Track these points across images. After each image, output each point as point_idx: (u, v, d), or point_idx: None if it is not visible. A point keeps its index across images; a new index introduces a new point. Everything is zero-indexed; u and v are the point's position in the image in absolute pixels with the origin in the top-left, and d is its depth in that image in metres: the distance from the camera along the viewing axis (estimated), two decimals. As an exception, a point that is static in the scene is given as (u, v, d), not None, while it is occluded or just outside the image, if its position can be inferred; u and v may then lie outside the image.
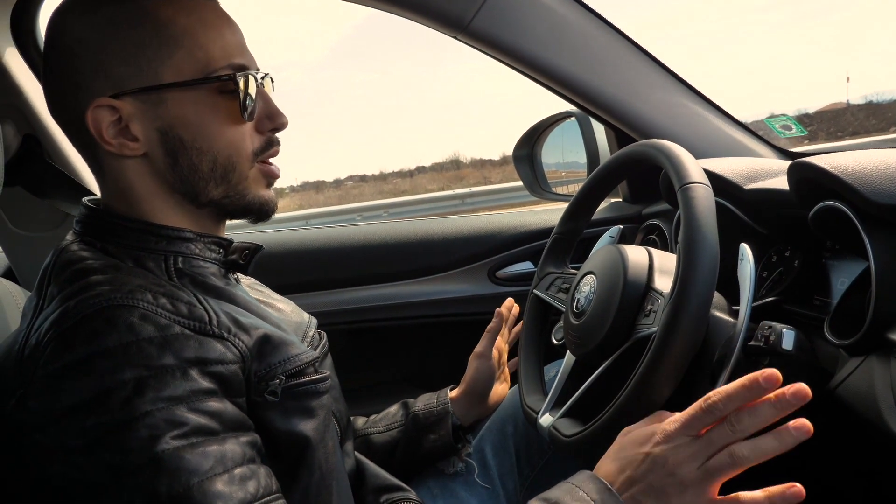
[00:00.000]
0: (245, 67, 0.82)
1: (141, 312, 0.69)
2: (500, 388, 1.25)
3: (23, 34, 1.43)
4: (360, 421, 1.23)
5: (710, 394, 0.67)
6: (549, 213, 1.77)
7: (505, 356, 1.29)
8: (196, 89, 0.79)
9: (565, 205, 1.21)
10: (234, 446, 0.68)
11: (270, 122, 0.85)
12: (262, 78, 0.86)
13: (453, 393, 1.22)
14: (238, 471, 0.67)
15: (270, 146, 0.86)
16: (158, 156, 0.80)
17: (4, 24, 1.35)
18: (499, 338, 1.26)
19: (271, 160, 0.87)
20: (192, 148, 0.80)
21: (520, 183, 1.91)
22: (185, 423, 0.66)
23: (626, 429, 0.76)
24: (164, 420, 0.65)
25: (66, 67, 0.78)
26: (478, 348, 1.24)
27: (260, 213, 0.86)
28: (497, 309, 1.28)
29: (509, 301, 1.32)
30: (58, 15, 0.80)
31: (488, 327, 1.25)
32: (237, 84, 0.80)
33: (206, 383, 0.69)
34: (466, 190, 10.40)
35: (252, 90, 0.81)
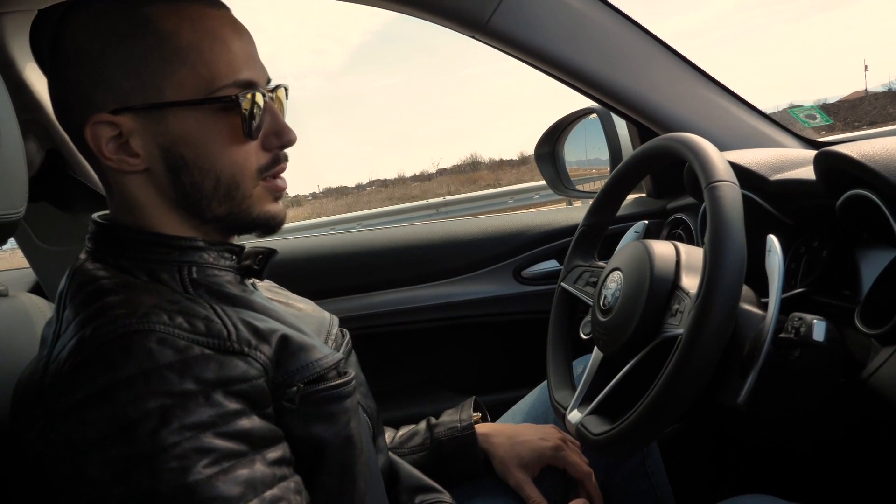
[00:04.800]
0: (252, 83, 0.79)
1: (158, 336, 0.67)
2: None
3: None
4: (387, 434, 1.19)
5: None
6: (574, 211, 1.77)
7: None
8: (199, 108, 0.76)
9: (561, 205, 1.20)
10: (263, 467, 0.68)
11: (277, 139, 0.82)
12: (274, 90, 0.83)
13: (484, 428, 1.15)
14: (269, 494, 0.67)
15: (277, 163, 0.83)
16: (160, 172, 0.78)
17: (24, 41, 1.36)
18: None
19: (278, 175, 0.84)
20: (195, 167, 0.78)
21: (502, 189, 1.91)
22: (213, 449, 0.65)
23: None
24: (193, 449, 0.64)
25: (68, 76, 0.77)
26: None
27: (266, 227, 0.84)
28: None
29: None
30: (61, 20, 0.78)
31: None
32: (240, 105, 0.77)
33: (231, 404, 0.68)
34: (440, 199, 10.26)
35: (258, 108, 0.78)
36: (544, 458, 1.10)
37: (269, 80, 0.83)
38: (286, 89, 0.87)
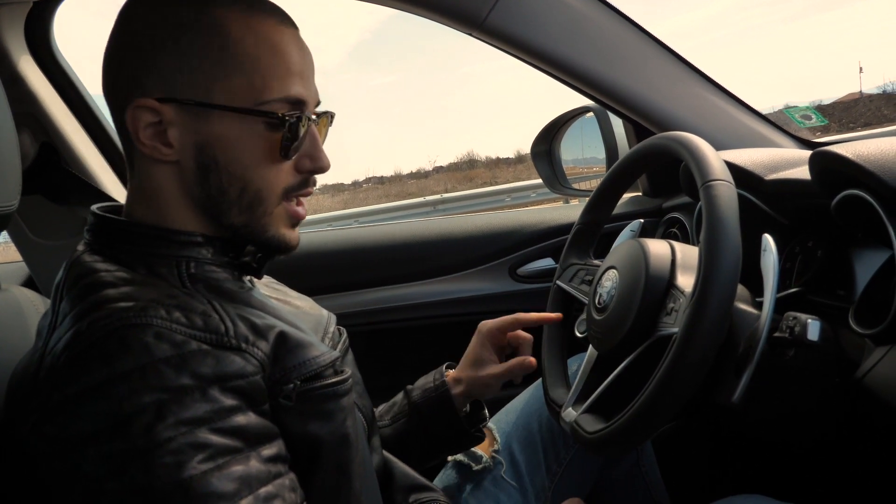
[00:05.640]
0: (301, 101, 0.79)
1: (155, 331, 0.67)
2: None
3: (37, 42, 1.42)
4: None
5: None
6: (570, 209, 1.77)
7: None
8: (244, 117, 0.76)
9: (559, 203, 1.20)
10: (258, 464, 0.68)
11: (311, 163, 0.82)
12: (319, 116, 0.83)
13: (454, 372, 1.17)
14: (263, 490, 0.67)
15: (304, 186, 0.83)
16: (189, 167, 0.78)
17: (19, 33, 1.35)
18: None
19: (301, 199, 0.85)
20: (225, 171, 0.78)
21: (499, 187, 1.91)
22: (208, 445, 0.65)
23: None
24: (188, 444, 0.64)
25: (123, 55, 0.77)
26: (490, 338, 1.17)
27: (277, 250, 0.84)
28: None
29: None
30: (133, 0, 0.79)
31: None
32: (285, 124, 0.77)
33: (228, 400, 0.68)
34: (438, 197, 10.22)
35: (301, 131, 0.78)
36: (491, 339, 1.16)
37: (318, 103, 0.83)
38: (332, 116, 0.87)
